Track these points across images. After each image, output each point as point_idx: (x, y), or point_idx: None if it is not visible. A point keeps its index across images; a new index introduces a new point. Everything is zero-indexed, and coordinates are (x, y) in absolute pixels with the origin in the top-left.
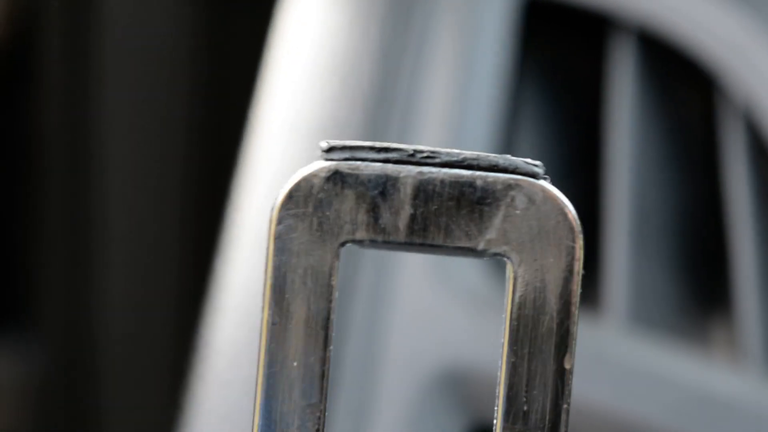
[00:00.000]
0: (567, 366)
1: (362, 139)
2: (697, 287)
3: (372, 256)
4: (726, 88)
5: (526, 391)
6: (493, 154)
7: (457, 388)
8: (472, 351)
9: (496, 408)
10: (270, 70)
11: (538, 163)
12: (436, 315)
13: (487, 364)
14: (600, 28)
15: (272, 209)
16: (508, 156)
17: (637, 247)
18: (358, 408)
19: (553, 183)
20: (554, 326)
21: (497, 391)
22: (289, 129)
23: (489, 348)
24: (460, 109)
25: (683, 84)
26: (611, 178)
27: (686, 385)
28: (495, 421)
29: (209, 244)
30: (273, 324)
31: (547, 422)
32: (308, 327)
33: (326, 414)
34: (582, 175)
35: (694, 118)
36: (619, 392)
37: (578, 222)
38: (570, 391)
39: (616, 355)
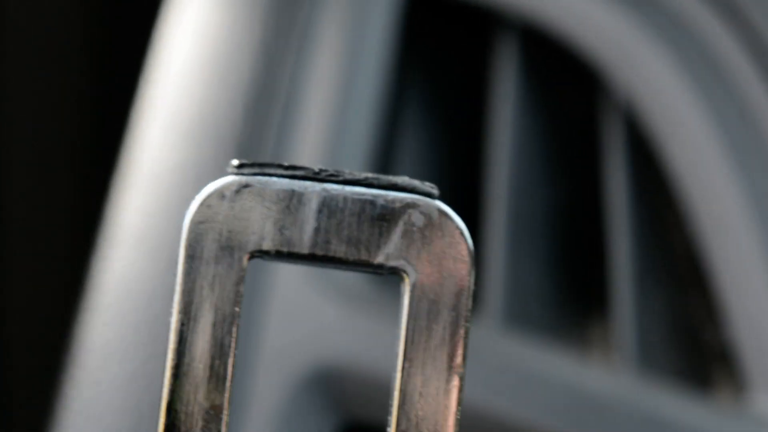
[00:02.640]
0: (459, 375)
1: (239, 134)
2: (575, 286)
3: None
4: (607, 86)
5: (420, 399)
6: (393, 176)
7: (329, 386)
8: (345, 349)
9: (389, 416)
10: (154, 67)
11: (433, 185)
12: (310, 311)
13: (360, 362)
14: (484, 25)
15: (185, 219)
16: (407, 177)
17: (515, 245)
18: (231, 402)
19: (443, 198)
20: (447, 337)
21: (391, 399)
22: (169, 126)
23: (363, 346)
24: (342, 105)
25: (565, 81)
26: (491, 176)
27: (562, 384)
28: (389, 429)
29: (94, 231)
30: (181, 326)
31: (440, 429)
32: (215, 331)
33: (229, 416)
34: (464, 173)
35: (576, 116)
36: (494, 391)
37: (470, 240)
38: (461, 399)
39: (492, 353)
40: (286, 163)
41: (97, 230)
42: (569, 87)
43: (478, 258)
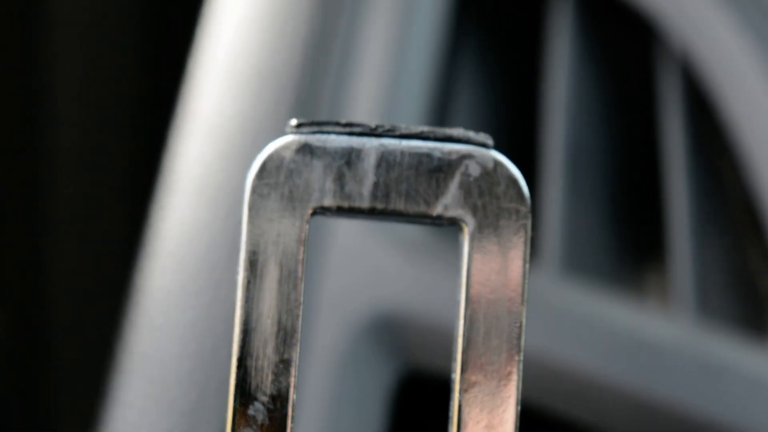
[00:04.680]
0: (521, 320)
1: (297, 84)
2: (632, 235)
3: None
4: (663, 37)
5: (483, 344)
6: (448, 128)
7: (389, 334)
8: (405, 297)
9: (453, 362)
10: (210, 19)
11: (488, 135)
12: (370, 261)
13: (420, 310)
14: None
15: (247, 180)
16: (462, 129)
17: (573, 195)
18: None
19: (498, 148)
20: (508, 283)
21: (455, 345)
22: (227, 76)
23: (422, 295)
24: (398, 54)
25: (621, 33)
26: (548, 127)
27: (620, 331)
28: (453, 375)
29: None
30: (248, 284)
31: (503, 373)
32: (281, 287)
33: (298, 369)
34: (521, 124)
35: (632, 67)
36: (553, 338)
37: (526, 187)
38: (523, 343)
39: (551, 301)
40: (343, 121)
41: (156, 179)
42: (625, 38)
43: (535, 207)
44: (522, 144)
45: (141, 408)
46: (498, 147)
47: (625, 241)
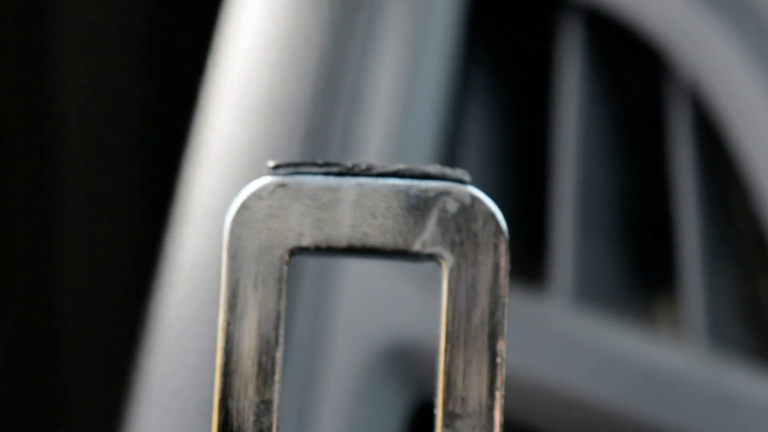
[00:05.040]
0: (499, 354)
1: (309, 112)
2: (643, 264)
3: None
4: (672, 67)
5: (464, 380)
6: (424, 165)
7: (403, 365)
8: (419, 328)
9: (436, 397)
10: (222, 47)
11: (464, 171)
12: (384, 292)
13: (434, 340)
14: (549, 7)
15: (225, 221)
16: (438, 165)
17: (583, 224)
18: (305, 383)
19: (480, 185)
20: (486, 318)
21: (436, 380)
22: (239, 105)
23: (436, 324)
24: (409, 82)
25: (630, 62)
26: (558, 157)
27: (631, 360)
28: (435, 410)
29: (163, 222)
30: (228, 325)
31: (483, 407)
32: (260, 328)
33: (278, 410)
34: (530, 155)
35: (641, 97)
36: (563, 367)
37: (503, 222)
38: (503, 377)
39: (562, 330)
40: (320, 161)
41: (169, 208)
42: (634, 68)
43: (546, 237)
44: (532, 174)
45: None
46: (507, 176)
47: (636, 270)
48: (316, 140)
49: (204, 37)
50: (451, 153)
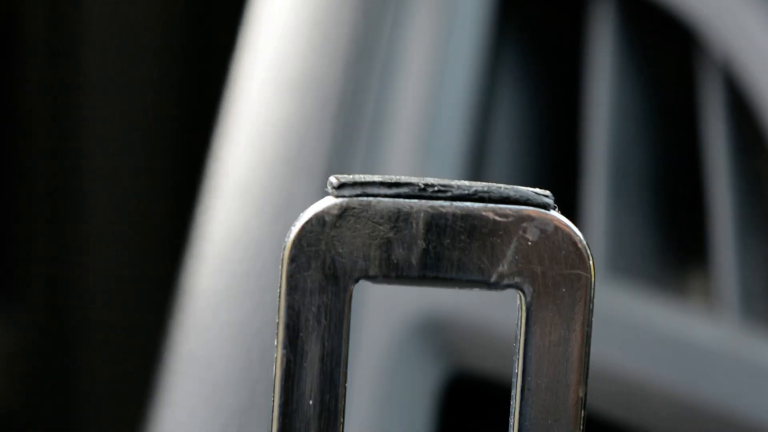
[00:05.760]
0: (581, 395)
1: (340, 91)
2: (676, 239)
3: None
4: (704, 43)
5: (540, 420)
6: (504, 186)
7: (437, 335)
8: (452, 298)
9: None
10: (251, 32)
11: (548, 193)
12: None
13: (468, 311)
14: None
15: (284, 247)
16: (519, 187)
17: (616, 197)
18: None
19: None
20: (568, 356)
21: (510, 421)
22: (271, 82)
23: (468, 295)
24: (440, 63)
25: (662, 39)
26: (590, 131)
27: (664, 333)
28: None
29: (191, 203)
30: (288, 362)
31: None
32: (323, 365)
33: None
34: (563, 132)
35: (673, 73)
36: (596, 341)
37: (589, 250)
38: (584, 419)
39: (595, 302)
40: (389, 179)
41: (201, 182)
42: (666, 45)
43: (579, 212)
44: (565, 149)
45: (190, 409)
46: (540, 152)
47: (669, 244)
48: (347, 118)
49: (234, 15)
50: (482, 129)
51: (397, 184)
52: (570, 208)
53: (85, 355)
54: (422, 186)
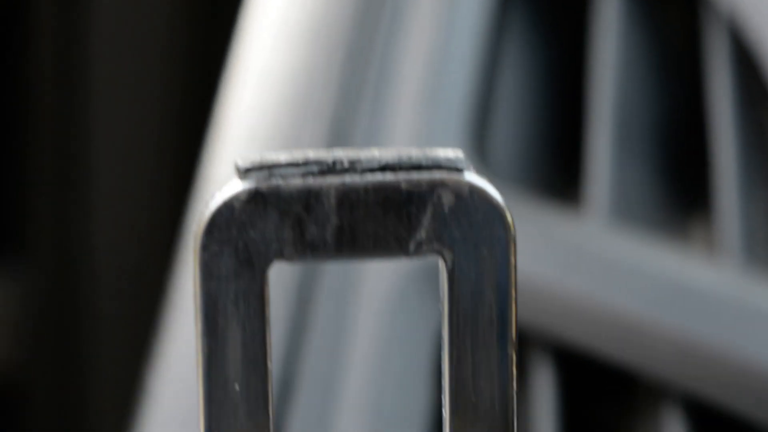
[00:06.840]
0: (510, 354)
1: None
2: (680, 187)
3: None
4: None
5: (473, 383)
6: (414, 153)
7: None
8: None
9: (443, 401)
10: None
11: (460, 155)
12: None
13: None
14: None
15: (195, 235)
16: (430, 152)
17: (620, 145)
18: (340, 297)
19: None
20: (494, 318)
21: (443, 384)
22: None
23: None
24: (447, 21)
25: None
26: (596, 83)
27: (666, 276)
28: (444, 414)
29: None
30: (209, 350)
31: (496, 411)
32: (246, 349)
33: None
34: (569, 83)
35: (678, 25)
36: (599, 284)
37: (508, 214)
38: (515, 377)
39: (598, 248)
40: (295, 159)
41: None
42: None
43: (583, 159)
44: (571, 101)
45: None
46: (546, 101)
47: (673, 194)
48: (355, 67)
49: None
50: (489, 80)
51: (305, 163)
52: (576, 159)
53: (91, 316)
54: (331, 162)
